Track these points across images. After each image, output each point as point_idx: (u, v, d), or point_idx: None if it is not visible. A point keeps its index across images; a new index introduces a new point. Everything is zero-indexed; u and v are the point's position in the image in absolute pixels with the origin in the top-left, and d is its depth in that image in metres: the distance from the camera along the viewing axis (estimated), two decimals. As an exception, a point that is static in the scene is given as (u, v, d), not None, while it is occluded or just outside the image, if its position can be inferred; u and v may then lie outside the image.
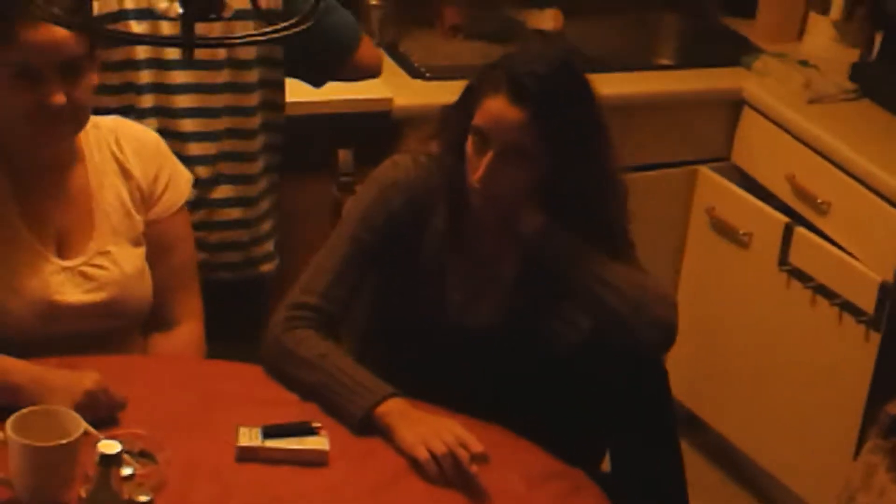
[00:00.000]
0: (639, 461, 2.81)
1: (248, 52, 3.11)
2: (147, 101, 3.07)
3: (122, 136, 2.81)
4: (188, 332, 2.85)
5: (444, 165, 2.68)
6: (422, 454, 2.44)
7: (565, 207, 2.64)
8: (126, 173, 2.79)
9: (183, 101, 3.10)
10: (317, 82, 3.37)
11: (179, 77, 3.09)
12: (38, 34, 2.55)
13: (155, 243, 2.81)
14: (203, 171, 3.10)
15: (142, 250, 2.80)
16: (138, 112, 3.05)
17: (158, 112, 3.08)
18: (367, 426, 2.51)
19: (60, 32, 2.55)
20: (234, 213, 3.20)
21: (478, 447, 2.44)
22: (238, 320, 2.99)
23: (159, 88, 3.08)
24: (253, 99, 3.15)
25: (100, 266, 2.73)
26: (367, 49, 3.35)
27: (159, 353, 2.82)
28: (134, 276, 2.77)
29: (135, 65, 3.05)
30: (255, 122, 3.18)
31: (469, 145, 2.59)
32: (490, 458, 2.45)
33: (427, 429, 2.47)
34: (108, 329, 2.75)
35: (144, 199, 2.81)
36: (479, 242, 2.71)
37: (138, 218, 2.79)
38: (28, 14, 2.47)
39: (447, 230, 2.69)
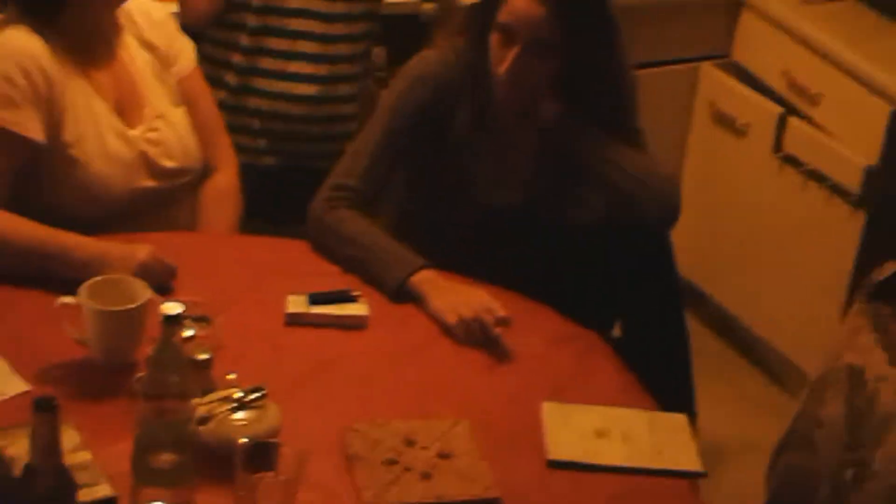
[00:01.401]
0: (647, 326, 2.85)
1: None
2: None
3: (136, 13, 2.80)
4: (226, 178, 2.87)
5: (470, 59, 2.69)
6: (452, 319, 2.49)
7: (581, 97, 2.65)
8: (147, 44, 2.80)
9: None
10: None
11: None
12: None
13: (185, 99, 2.85)
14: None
15: (183, 109, 2.83)
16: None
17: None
18: (403, 294, 2.56)
19: None
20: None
21: (501, 312, 2.49)
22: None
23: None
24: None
25: (159, 127, 2.75)
26: None
27: (204, 198, 2.86)
28: (185, 134, 2.80)
29: None
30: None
31: (494, 40, 2.59)
32: (512, 322, 2.49)
33: (456, 296, 2.53)
34: (177, 186, 2.79)
35: (164, 64, 2.82)
36: (501, 129, 2.71)
37: (171, 81, 2.83)
38: None
39: (472, 118, 2.70)
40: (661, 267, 2.87)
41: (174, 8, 3.04)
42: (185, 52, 2.89)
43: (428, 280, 2.57)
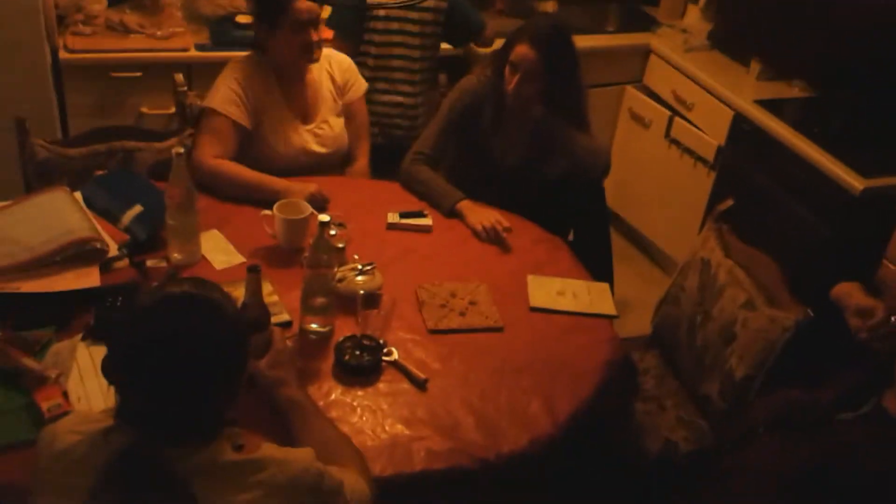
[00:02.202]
0: (588, 235, 2.80)
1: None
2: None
3: (331, 58, 2.72)
4: (362, 164, 2.79)
5: (493, 82, 2.63)
6: (478, 226, 2.48)
7: (557, 104, 2.58)
8: (332, 78, 2.72)
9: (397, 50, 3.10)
10: (459, 44, 3.36)
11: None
12: (300, 3, 2.50)
13: (347, 115, 2.75)
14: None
15: (342, 120, 2.73)
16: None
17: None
18: (452, 213, 2.54)
19: (312, 3, 2.52)
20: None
21: (506, 223, 2.48)
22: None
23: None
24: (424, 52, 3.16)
25: (323, 129, 2.68)
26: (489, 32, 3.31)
27: (348, 175, 2.77)
28: (339, 134, 2.72)
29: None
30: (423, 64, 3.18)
31: (506, 71, 2.55)
32: (512, 230, 2.48)
33: (481, 214, 2.50)
34: (329, 164, 2.71)
35: (340, 92, 2.73)
36: (509, 122, 2.66)
37: (339, 102, 2.73)
38: None
39: (493, 115, 2.65)
40: (598, 198, 2.82)
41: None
42: (356, 87, 2.77)
43: (466, 205, 2.54)
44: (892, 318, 1.78)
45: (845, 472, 1.57)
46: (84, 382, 1.78)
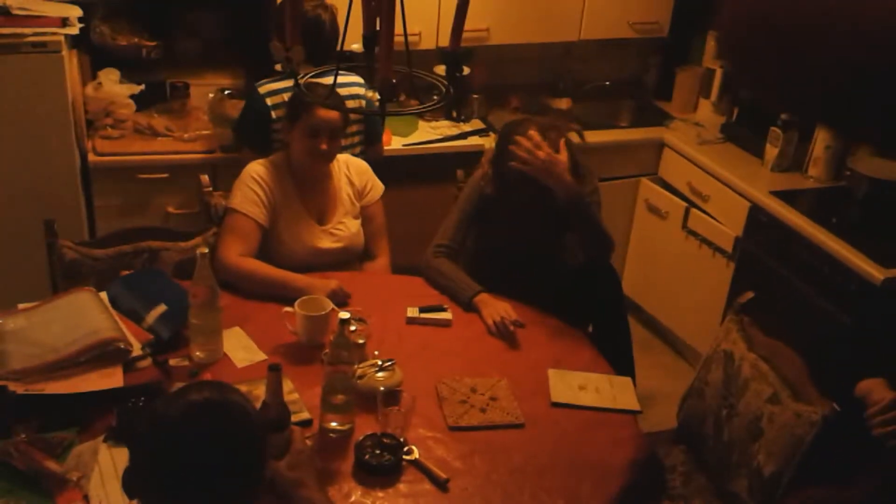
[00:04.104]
0: (606, 327, 2.75)
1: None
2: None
3: (349, 163, 2.77)
4: (382, 262, 2.80)
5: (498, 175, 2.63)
6: (489, 321, 2.46)
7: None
8: (350, 182, 2.75)
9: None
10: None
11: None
12: (321, 112, 2.53)
13: (365, 217, 2.76)
14: None
15: (359, 221, 2.75)
16: None
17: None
18: (469, 307, 2.53)
19: (333, 113, 2.55)
20: None
21: (515, 316, 2.46)
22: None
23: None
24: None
25: (339, 229, 2.70)
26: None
27: (367, 271, 2.77)
28: (355, 234, 2.73)
29: None
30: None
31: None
32: (525, 324, 2.46)
33: (493, 308, 2.48)
34: (342, 261, 2.71)
35: (358, 196, 2.76)
36: (518, 212, 2.64)
37: (357, 204, 2.74)
38: (313, 101, 2.43)
39: (504, 207, 2.63)
40: (614, 292, 2.80)
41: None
42: (374, 191, 2.78)
43: (482, 299, 2.53)
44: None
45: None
46: (105, 485, 1.77)
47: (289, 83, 2.81)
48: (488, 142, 3.50)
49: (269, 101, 2.90)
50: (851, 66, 0.71)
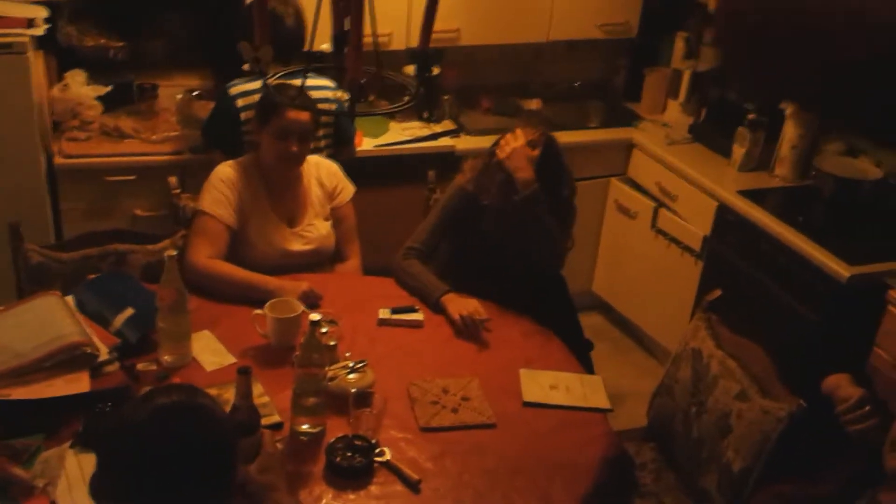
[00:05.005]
0: (559, 323, 2.66)
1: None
2: None
3: (320, 165, 2.74)
4: (353, 263, 2.78)
5: (482, 181, 2.68)
6: (455, 316, 2.45)
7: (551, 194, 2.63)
8: (321, 184, 2.72)
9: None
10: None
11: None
12: (291, 113, 2.51)
13: (335, 218, 2.74)
14: None
15: (329, 223, 2.72)
16: None
17: None
18: (437, 307, 2.52)
19: (303, 115, 2.53)
20: None
21: (484, 313, 2.46)
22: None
23: None
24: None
25: (309, 231, 2.67)
26: None
27: (339, 273, 2.74)
28: (326, 236, 2.70)
29: None
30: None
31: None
32: (490, 320, 2.45)
33: (460, 304, 2.48)
34: (313, 263, 2.69)
35: (329, 197, 2.73)
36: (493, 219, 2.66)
37: (327, 206, 2.72)
38: (282, 103, 2.42)
39: (488, 214, 2.65)
40: (562, 297, 2.85)
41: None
42: (345, 192, 2.76)
43: (449, 298, 2.53)
44: (866, 407, 1.77)
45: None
46: (72, 491, 1.74)
47: (260, 84, 2.78)
48: (459, 143, 3.50)
49: (239, 103, 2.88)
50: (851, 56, 0.72)
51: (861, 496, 1.65)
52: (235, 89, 2.89)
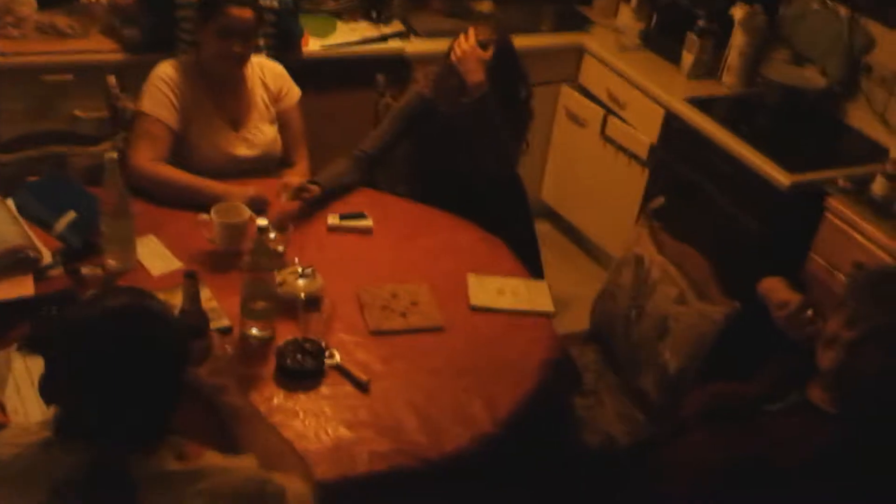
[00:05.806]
0: (511, 228, 2.70)
1: None
2: None
3: (264, 66, 2.69)
4: (301, 168, 2.73)
5: (440, 86, 2.67)
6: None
7: (503, 93, 2.63)
8: (265, 86, 2.67)
9: None
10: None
11: None
12: (234, 10, 2.45)
13: (282, 122, 2.70)
14: None
15: (275, 127, 2.69)
16: None
17: None
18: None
19: (247, 12, 2.47)
20: None
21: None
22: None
23: None
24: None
25: (254, 135, 2.63)
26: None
27: (285, 177, 2.63)
28: (272, 141, 2.68)
29: None
30: None
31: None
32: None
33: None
34: (259, 168, 2.65)
35: (274, 100, 2.69)
36: (447, 122, 2.65)
37: (272, 109, 2.68)
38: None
39: (440, 117, 2.65)
40: (520, 203, 2.89)
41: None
42: (291, 95, 2.72)
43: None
44: (808, 311, 1.84)
45: (773, 462, 1.63)
46: (20, 393, 1.74)
47: None
48: (409, 46, 3.43)
49: None
50: None
51: (790, 393, 1.74)
52: None
